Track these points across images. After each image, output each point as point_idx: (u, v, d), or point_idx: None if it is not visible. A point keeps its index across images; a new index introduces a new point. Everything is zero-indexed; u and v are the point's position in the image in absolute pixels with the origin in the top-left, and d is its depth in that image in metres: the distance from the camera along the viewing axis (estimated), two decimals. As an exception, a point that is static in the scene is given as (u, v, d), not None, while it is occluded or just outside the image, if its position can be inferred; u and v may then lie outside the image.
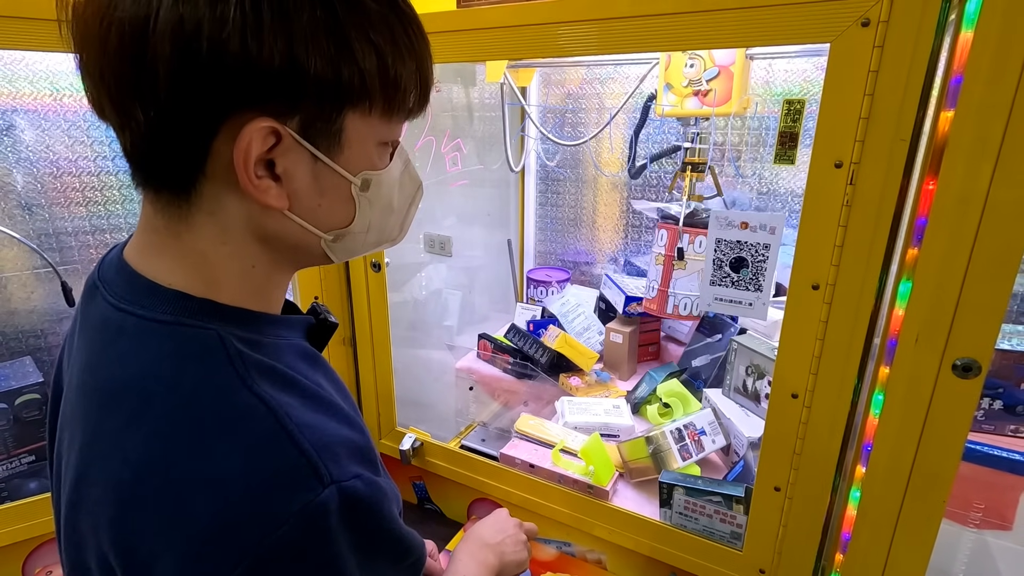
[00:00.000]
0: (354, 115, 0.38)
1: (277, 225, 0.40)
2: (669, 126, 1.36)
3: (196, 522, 0.34)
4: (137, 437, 0.36)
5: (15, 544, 0.99)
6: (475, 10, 0.87)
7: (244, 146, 0.35)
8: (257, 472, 0.35)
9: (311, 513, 0.34)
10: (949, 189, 0.58)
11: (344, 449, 0.38)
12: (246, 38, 0.32)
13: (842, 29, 0.61)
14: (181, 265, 0.39)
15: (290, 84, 0.35)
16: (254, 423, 0.36)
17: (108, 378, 0.38)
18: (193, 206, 0.38)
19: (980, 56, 0.54)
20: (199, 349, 0.37)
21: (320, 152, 0.38)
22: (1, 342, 1.23)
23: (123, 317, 0.39)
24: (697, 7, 0.68)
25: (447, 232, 1.28)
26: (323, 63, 0.35)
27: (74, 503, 0.39)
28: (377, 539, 0.39)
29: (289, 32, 0.33)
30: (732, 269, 0.76)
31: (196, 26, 0.32)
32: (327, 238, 0.43)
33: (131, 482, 0.35)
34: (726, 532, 0.87)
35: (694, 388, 1.20)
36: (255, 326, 0.41)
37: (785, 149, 0.69)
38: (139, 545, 0.35)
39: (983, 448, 0.85)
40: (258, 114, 0.35)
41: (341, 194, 0.41)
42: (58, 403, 0.49)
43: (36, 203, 1.19)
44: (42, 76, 1.14)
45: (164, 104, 0.34)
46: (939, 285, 0.60)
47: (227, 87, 0.34)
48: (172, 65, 0.33)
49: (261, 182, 0.37)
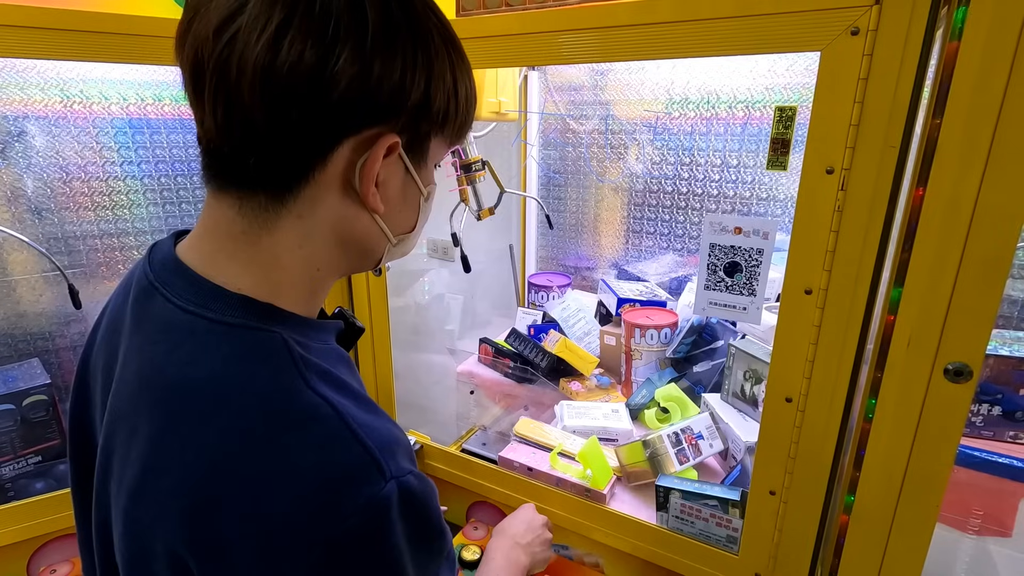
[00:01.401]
0: (437, 138, 0.46)
1: (363, 228, 0.45)
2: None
3: (271, 513, 0.36)
4: (212, 433, 0.38)
5: (20, 543, 1.00)
6: (476, 19, 0.88)
7: (375, 155, 0.41)
8: (328, 466, 0.37)
9: (375, 505, 0.37)
10: (939, 195, 0.58)
11: (398, 448, 0.41)
12: (405, 76, 0.40)
13: (832, 38, 0.62)
14: (249, 270, 0.42)
15: (418, 111, 0.42)
16: (322, 421, 0.38)
17: (180, 377, 0.40)
18: (284, 208, 0.41)
19: (967, 64, 0.54)
20: (266, 352, 0.40)
21: (412, 166, 0.45)
22: (10, 344, 1.25)
23: (192, 320, 0.41)
24: (693, 16, 0.69)
25: (448, 237, 1.30)
26: (443, 98, 0.43)
27: (138, 494, 0.40)
28: (426, 531, 0.42)
29: (430, 71, 0.41)
30: (726, 274, 0.77)
31: (367, 69, 0.38)
32: (393, 242, 0.48)
33: (207, 475, 0.37)
34: (722, 536, 0.88)
35: (694, 393, 1.20)
36: (305, 330, 0.44)
37: (777, 155, 0.70)
38: (214, 536, 0.37)
39: (982, 454, 0.85)
40: (387, 130, 0.41)
41: (414, 203, 0.48)
42: (85, 395, 0.51)
43: (46, 207, 1.22)
44: (53, 83, 1.16)
45: (298, 120, 0.38)
46: (930, 290, 0.60)
47: (374, 111, 0.40)
48: (337, 94, 0.38)
49: (371, 187, 0.42)
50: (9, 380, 1.14)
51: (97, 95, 1.21)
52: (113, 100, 1.23)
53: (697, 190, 1.41)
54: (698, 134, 1.36)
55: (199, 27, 0.38)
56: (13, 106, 1.14)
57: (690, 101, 1.35)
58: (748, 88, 1.27)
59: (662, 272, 1.51)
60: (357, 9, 0.37)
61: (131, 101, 1.25)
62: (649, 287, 1.46)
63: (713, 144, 1.35)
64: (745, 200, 1.35)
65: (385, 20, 0.38)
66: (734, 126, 1.31)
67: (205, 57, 0.37)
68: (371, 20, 0.37)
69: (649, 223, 1.50)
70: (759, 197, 1.33)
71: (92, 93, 1.21)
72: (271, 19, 0.36)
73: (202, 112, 0.39)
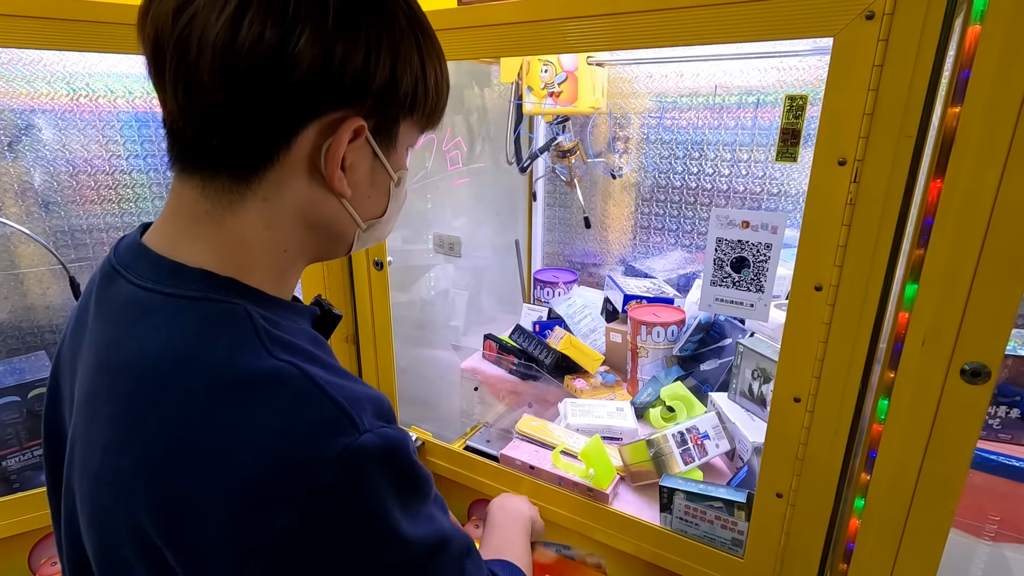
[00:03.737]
0: (406, 122, 0.45)
1: (331, 212, 0.45)
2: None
3: (240, 474, 0.35)
4: (170, 404, 0.37)
5: (22, 534, 1.01)
6: (481, 7, 0.86)
7: (340, 138, 0.40)
8: (296, 421, 0.36)
9: (351, 456, 0.36)
10: (956, 188, 0.56)
11: (370, 405, 0.40)
12: (368, 59, 0.39)
13: (846, 22, 0.59)
14: (213, 249, 0.41)
15: (384, 94, 0.41)
16: (288, 381, 0.38)
17: (137, 351, 0.39)
18: (249, 190, 0.41)
19: (988, 50, 0.52)
20: (226, 322, 0.39)
21: (380, 151, 0.44)
22: (17, 336, 1.26)
23: (149, 296, 0.40)
24: (705, 2, 0.67)
25: (456, 232, 1.29)
26: (411, 80, 0.42)
27: (100, 476, 0.40)
28: (410, 477, 0.41)
29: (395, 54, 0.41)
30: (733, 269, 0.74)
31: (329, 51, 0.38)
32: (363, 227, 0.48)
33: (168, 447, 0.36)
34: (727, 539, 0.85)
35: (701, 392, 1.18)
36: (273, 308, 0.43)
37: (787, 146, 0.68)
38: (182, 507, 0.36)
39: (999, 458, 0.82)
40: (352, 113, 0.41)
41: (383, 188, 0.47)
42: (57, 395, 0.50)
43: (53, 201, 1.22)
44: (59, 77, 1.17)
45: (260, 102, 0.38)
46: (946, 287, 0.58)
47: (338, 94, 0.39)
48: (299, 76, 0.37)
49: (336, 171, 0.42)
50: (16, 372, 1.14)
51: (103, 89, 1.22)
52: (119, 94, 1.24)
53: (706, 185, 1.38)
54: (708, 128, 1.33)
55: (159, 7, 0.37)
56: (20, 99, 1.14)
57: (699, 95, 1.32)
58: (759, 81, 1.24)
59: (670, 269, 1.49)
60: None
61: (137, 95, 1.26)
62: (656, 284, 1.43)
63: (723, 138, 1.32)
64: (755, 195, 1.32)
65: (347, 1, 0.38)
66: (745, 119, 1.28)
67: (165, 37, 0.37)
68: (332, 1, 0.37)
69: (657, 219, 1.48)
70: (770, 192, 1.30)
71: (98, 87, 1.21)
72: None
73: (164, 94, 0.39)
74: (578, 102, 1.29)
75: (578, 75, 1.27)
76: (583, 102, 1.29)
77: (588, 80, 1.28)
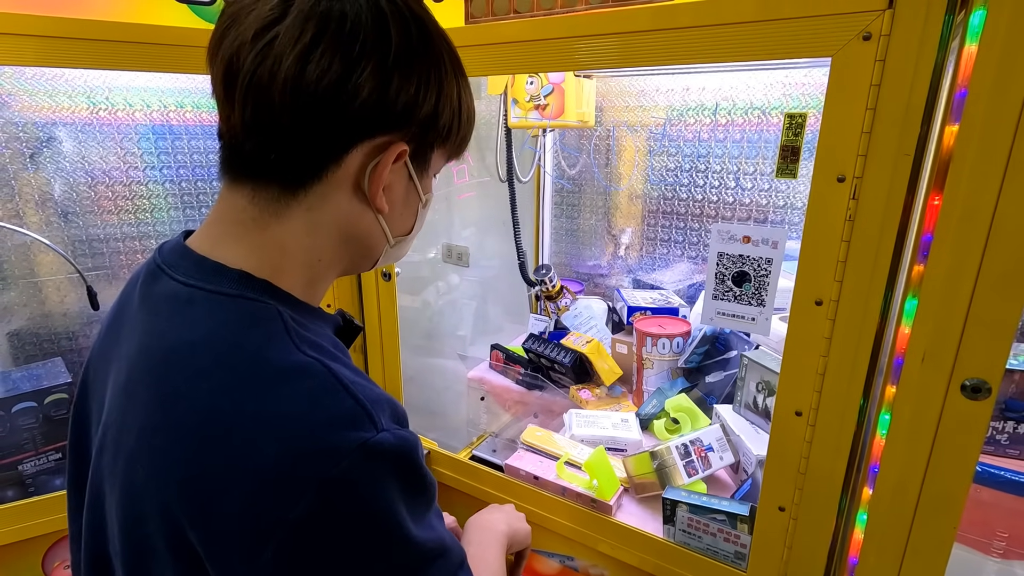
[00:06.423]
0: (439, 150, 0.51)
1: (366, 226, 0.49)
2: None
3: (263, 456, 0.37)
4: (204, 387, 0.40)
5: (37, 538, 1.03)
6: (490, 25, 0.88)
7: (386, 160, 0.45)
8: (319, 411, 0.39)
9: (369, 450, 0.38)
10: (955, 204, 0.56)
11: (388, 407, 0.42)
12: (419, 92, 0.45)
13: (843, 43, 0.60)
14: (254, 253, 0.45)
15: (427, 123, 0.47)
16: (313, 374, 0.40)
17: (177, 339, 0.43)
18: (295, 201, 0.45)
19: (984, 69, 0.52)
20: (260, 318, 0.43)
21: (415, 173, 0.49)
22: (35, 343, 1.29)
23: (191, 291, 0.44)
24: (707, 21, 0.68)
25: (464, 243, 1.30)
26: (450, 113, 0.48)
27: (135, 455, 0.42)
28: (419, 483, 0.43)
29: (440, 89, 0.46)
30: (734, 283, 0.75)
31: (386, 83, 0.43)
32: (391, 242, 0.52)
33: (199, 424, 0.39)
34: (730, 552, 0.85)
35: (706, 404, 1.18)
36: (301, 312, 0.46)
37: (787, 163, 0.69)
38: (206, 485, 0.38)
39: (1007, 474, 0.82)
40: (398, 138, 0.46)
41: (413, 208, 0.53)
42: (85, 390, 0.53)
43: (72, 211, 1.26)
44: (80, 91, 1.20)
45: (320, 124, 0.42)
46: (946, 303, 0.58)
47: (388, 120, 0.44)
48: (358, 103, 0.42)
49: (379, 189, 0.46)
50: (33, 378, 1.17)
51: (122, 102, 1.25)
52: (137, 107, 1.27)
53: (712, 197, 1.39)
54: (714, 141, 1.34)
55: (237, 32, 0.41)
56: (42, 113, 1.18)
57: (705, 107, 1.33)
58: (764, 95, 1.25)
59: (677, 280, 1.49)
60: (382, 31, 0.42)
61: (154, 108, 1.29)
62: (664, 295, 1.44)
63: (729, 151, 1.33)
64: (762, 207, 1.32)
65: (406, 42, 0.43)
66: (750, 132, 1.29)
67: (240, 61, 0.41)
68: (394, 42, 0.42)
69: (664, 231, 1.48)
70: (776, 205, 1.30)
71: (117, 100, 1.25)
72: (304, 32, 0.40)
73: (230, 110, 0.42)
74: (564, 115, 1.29)
75: (565, 87, 1.27)
76: (570, 114, 1.29)
77: (575, 93, 1.28)
